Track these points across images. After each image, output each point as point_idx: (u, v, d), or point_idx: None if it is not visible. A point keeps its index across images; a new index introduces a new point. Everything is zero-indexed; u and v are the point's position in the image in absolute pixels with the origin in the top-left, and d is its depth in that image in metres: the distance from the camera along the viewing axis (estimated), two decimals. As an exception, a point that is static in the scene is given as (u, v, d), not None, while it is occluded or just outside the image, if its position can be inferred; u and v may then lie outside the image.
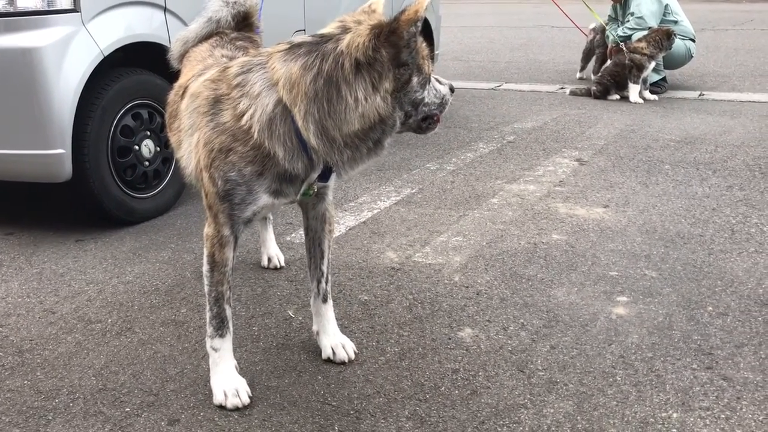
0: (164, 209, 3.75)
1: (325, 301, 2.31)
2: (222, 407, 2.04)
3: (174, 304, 2.71)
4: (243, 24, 2.60)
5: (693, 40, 7.09)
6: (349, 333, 2.44)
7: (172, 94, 2.36)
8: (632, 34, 6.84)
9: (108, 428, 1.96)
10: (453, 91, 2.02)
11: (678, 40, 6.68)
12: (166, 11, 3.60)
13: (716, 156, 4.69)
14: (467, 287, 2.81)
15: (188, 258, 3.15)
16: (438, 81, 1.97)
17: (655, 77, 6.95)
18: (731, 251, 3.12)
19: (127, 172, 3.51)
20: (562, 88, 7.46)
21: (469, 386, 2.14)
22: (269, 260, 3.03)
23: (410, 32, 1.76)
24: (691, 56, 7.17)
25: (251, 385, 2.12)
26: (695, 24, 7.20)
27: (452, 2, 21.80)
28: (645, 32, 6.69)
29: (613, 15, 7.44)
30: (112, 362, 2.31)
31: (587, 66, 8.05)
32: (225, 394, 2.05)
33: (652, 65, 6.59)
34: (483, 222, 3.53)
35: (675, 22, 6.92)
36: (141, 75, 3.55)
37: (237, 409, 2.04)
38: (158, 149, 3.63)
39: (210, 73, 2.03)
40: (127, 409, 2.05)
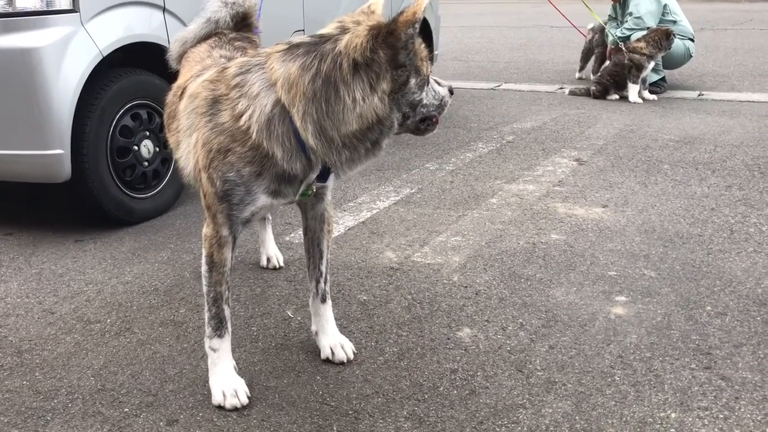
0: (163, 209, 3.75)
1: (324, 301, 2.31)
2: (221, 407, 2.05)
3: (173, 305, 2.71)
4: (242, 24, 2.60)
5: (692, 40, 7.09)
6: (348, 333, 2.44)
7: (171, 95, 2.37)
8: (631, 35, 6.84)
9: (107, 428, 1.97)
10: (452, 93, 2.01)
11: (677, 40, 6.67)
12: (165, 11, 3.60)
13: (715, 156, 4.70)
14: (466, 287, 2.81)
15: (187, 258, 3.15)
16: (437, 82, 1.97)
17: (655, 77, 6.95)
18: (730, 251, 3.12)
19: (127, 173, 3.51)
20: (562, 88, 7.46)
21: (468, 386, 2.14)
22: (268, 260, 3.03)
23: (407, 34, 1.75)
24: (690, 56, 7.17)
25: (250, 386, 2.13)
26: (694, 24, 7.20)
27: (451, 2, 21.80)
28: (644, 32, 6.68)
29: (613, 14, 7.45)
30: (111, 362, 2.31)
31: (586, 66, 8.05)
32: (224, 395, 2.05)
33: (652, 65, 6.59)
34: (482, 222, 3.53)
35: (674, 22, 6.92)
36: (140, 75, 3.55)
37: (236, 410, 2.04)
38: (157, 149, 3.63)
39: (208, 74, 2.03)
40: (126, 410, 2.05)
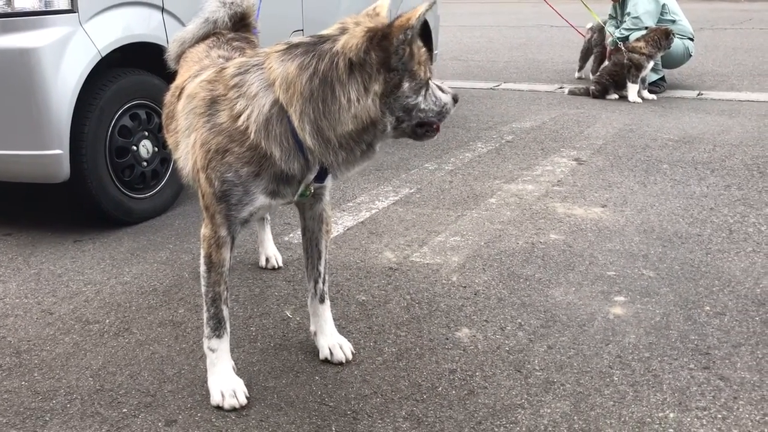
0: (162, 210, 3.75)
1: (323, 302, 2.31)
2: (219, 408, 2.05)
3: (172, 305, 2.71)
4: (240, 25, 2.60)
5: (691, 39, 7.08)
6: (347, 333, 2.44)
7: (169, 95, 2.37)
8: (629, 35, 6.84)
9: (105, 429, 1.97)
10: (456, 101, 1.98)
11: (676, 40, 6.67)
12: (164, 12, 3.60)
13: (714, 155, 4.70)
14: (465, 287, 2.81)
15: (186, 258, 3.15)
16: (440, 89, 1.94)
17: (654, 77, 6.95)
18: (729, 251, 3.12)
19: (125, 173, 3.51)
20: (561, 88, 7.46)
21: (467, 386, 2.14)
22: (267, 260, 3.03)
23: (399, 39, 1.75)
24: (690, 55, 7.17)
25: (249, 386, 2.12)
26: (694, 23, 7.20)
27: (451, 1, 21.80)
28: (642, 32, 6.68)
29: (614, 14, 7.44)
30: (110, 363, 2.31)
31: (585, 65, 8.05)
32: (222, 395, 2.05)
33: (651, 65, 6.59)
34: (481, 222, 3.53)
35: (673, 21, 6.91)
36: (139, 75, 3.55)
37: (234, 410, 2.04)
38: (156, 149, 3.63)
39: (207, 74, 2.03)
40: (125, 410, 2.05)
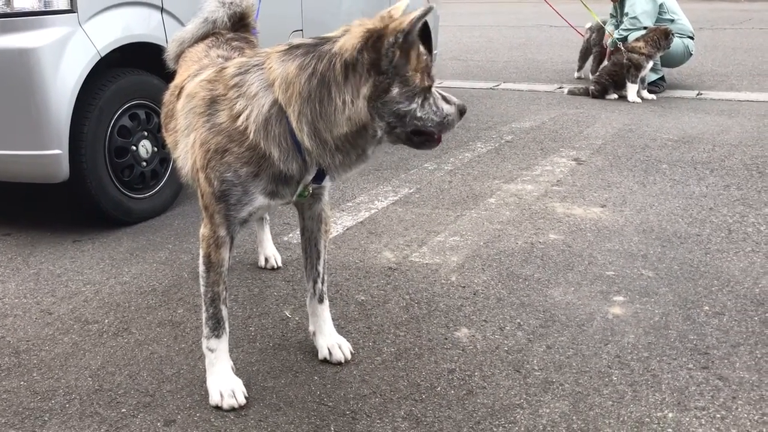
0: (161, 210, 3.75)
1: (322, 302, 2.31)
2: (218, 408, 2.05)
3: (171, 305, 2.71)
4: (239, 25, 2.60)
5: (691, 38, 7.07)
6: (346, 333, 2.44)
7: (168, 95, 2.37)
8: (628, 35, 6.84)
9: (104, 429, 1.97)
10: (463, 113, 1.91)
11: (676, 39, 6.66)
12: (163, 12, 3.60)
13: (714, 155, 4.70)
14: (464, 287, 2.81)
15: (185, 258, 3.15)
16: (445, 99, 1.89)
17: (653, 76, 6.95)
18: (728, 251, 3.12)
19: (125, 173, 3.51)
20: (560, 88, 7.46)
21: (465, 386, 2.14)
22: (266, 260, 3.03)
23: (390, 42, 1.72)
24: (690, 54, 7.14)
25: (247, 386, 2.12)
26: (693, 23, 7.20)
27: (450, 1, 21.80)
28: (641, 32, 6.68)
29: (614, 13, 7.44)
30: (109, 363, 2.31)
31: (584, 65, 8.05)
32: (221, 395, 2.05)
33: (650, 65, 6.59)
34: (480, 222, 3.53)
35: (671, 21, 6.90)
36: (138, 75, 3.55)
37: (233, 410, 2.04)
38: (155, 149, 3.63)
39: (207, 74, 2.03)
40: (123, 410, 2.05)
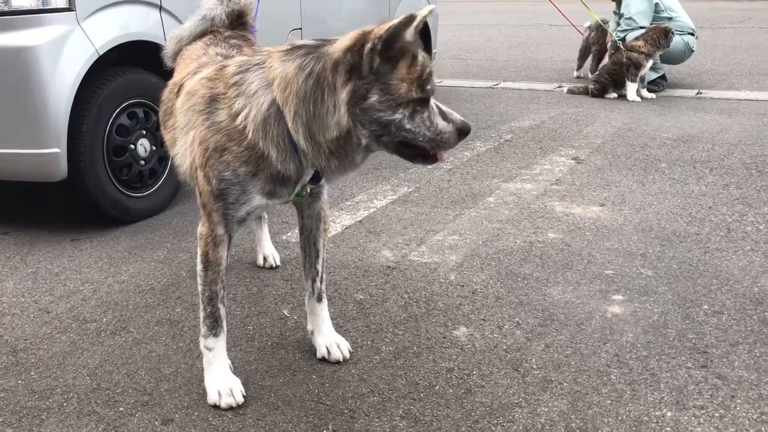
0: (160, 208, 3.74)
1: (320, 300, 2.31)
2: (216, 407, 2.04)
3: (169, 304, 2.71)
4: (237, 22, 2.59)
5: (692, 34, 7.01)
6: (344, 332, 2.44)
7: (167, 92, 2.36)
8: (625, 36, 6.83)
9: (102, 428, 1.96)
10: (464, 134, 1.81)
11: (676, 36, 6.64)
12: (162, 10, 3.60)
13: (713, 154, 4.69)
14: (463, 286, 2.80)
15: (184, 257, 3.15)
16: (443, 115, 1.81)
17: (653, 75, 6.94)
18: (727, 250, 3.12)
19: (123, 171, 3.51)
20: (560, 87, 7.46)
21: (464, 385, 2.14)
22: (265, 259, 3.03)
23: (368, 47, 1.68)
24: (692, 51, 7.06)
25: (245, 385, 2.12)
26: (693, 22, 7.18)
27: (450, 0, 21.79)
28: (638, 32, 6.67)
29: (617, 10, 7.42)
30: (107, 362, 2.30)
31: (584, 64, 8.04)
32: (219, 394, 2.05)
33: (650, 63, 6.57)
34: (479, 221, 3.53)
35: (669, 19, 6.88)
36: (136, 74, 3.55)
37: (231, 409, 2.03)
38: (154, 148, 3.62)
39: (207, 72, 2.03)
40: (121, 409, 2.05)
